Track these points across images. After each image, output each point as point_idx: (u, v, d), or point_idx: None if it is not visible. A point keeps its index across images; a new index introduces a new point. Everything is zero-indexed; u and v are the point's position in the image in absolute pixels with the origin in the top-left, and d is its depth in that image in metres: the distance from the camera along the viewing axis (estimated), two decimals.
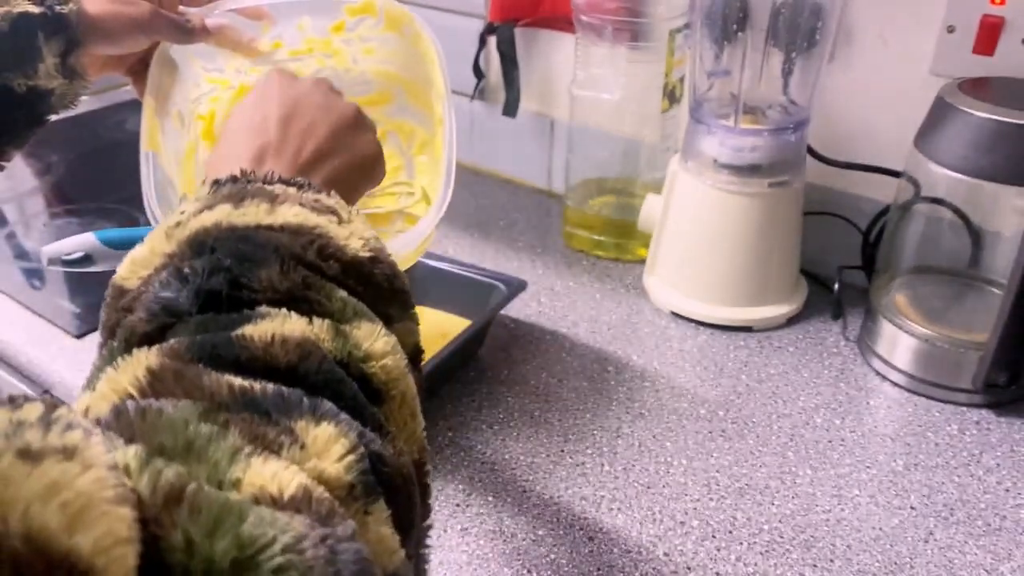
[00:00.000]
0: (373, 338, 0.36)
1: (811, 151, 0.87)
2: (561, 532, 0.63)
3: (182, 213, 0.40)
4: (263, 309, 0.35)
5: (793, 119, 0.83)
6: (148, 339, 0.35)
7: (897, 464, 0.70)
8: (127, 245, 0.51)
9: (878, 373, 0.80)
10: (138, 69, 0.65)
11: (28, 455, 0.22)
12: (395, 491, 0.33)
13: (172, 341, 0.33)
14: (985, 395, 0.75)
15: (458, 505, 0.65)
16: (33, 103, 0.56)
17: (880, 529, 0.64)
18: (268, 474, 0.28)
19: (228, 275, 0.35)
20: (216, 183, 0.41)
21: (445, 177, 0.59)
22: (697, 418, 0.75)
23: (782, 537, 0.63)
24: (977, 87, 0.73)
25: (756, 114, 0.84)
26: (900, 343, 0.78)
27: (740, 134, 0.82)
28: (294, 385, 0.33)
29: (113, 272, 0.39)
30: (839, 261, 0.90)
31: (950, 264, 0.83)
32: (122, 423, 0.28)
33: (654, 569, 0.60)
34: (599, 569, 0.60)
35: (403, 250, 0.57)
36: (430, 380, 0.70)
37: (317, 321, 0.35)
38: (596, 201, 1.01)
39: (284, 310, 0.35)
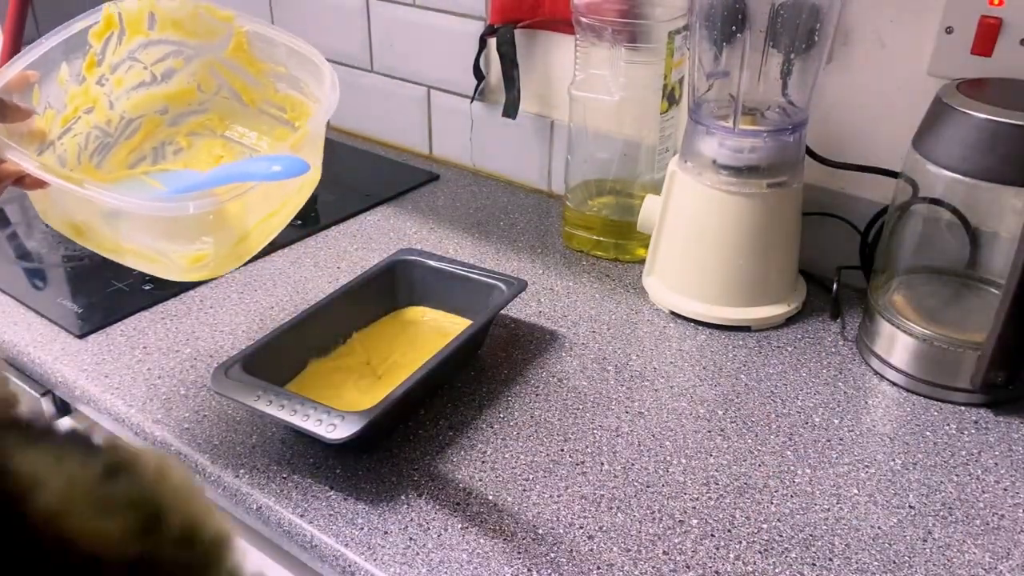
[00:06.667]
0: None
1: (810, 152, 0.87)
2: (561, 531, 0.63)
3: None
4: None
5: (792, 120, 0.84)
6: None
7: (895, 463, 0.70)
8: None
9: (876, 372, 0.81)
10: None
11: None
12: None
13: None
14: (983, 394, 0.76)
15: (458, 504, 0.66)
16: None
17: (879, 528, 0.64)
18: None
19: None
20: None
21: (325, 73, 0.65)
22: (696, 417, 0.75)
23: (781, 536, 0.63)
24: (975, 88, 0.73)
25: (755, 115, 0.84)
26: (898, 343, 0.79)
27: (739, 135, 0.82)
28: None
29: None
30: (837, 261, 0.90)
31: (948, 264, 0.84)
32: None
33: (653, 568, 0.60)
34: (599, 568, 0.61)
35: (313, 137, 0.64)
36: (431, 380, 0.71)
37: None
38: (595, 202, 1.02)
39: None
